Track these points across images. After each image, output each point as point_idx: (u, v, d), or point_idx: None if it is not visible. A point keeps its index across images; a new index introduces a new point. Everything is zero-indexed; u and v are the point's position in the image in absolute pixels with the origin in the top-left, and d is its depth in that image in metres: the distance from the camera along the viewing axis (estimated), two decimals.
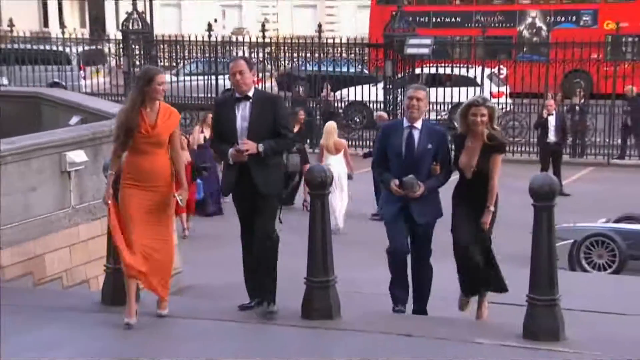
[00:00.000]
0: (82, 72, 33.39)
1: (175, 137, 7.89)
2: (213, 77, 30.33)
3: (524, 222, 8.71)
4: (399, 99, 25.58)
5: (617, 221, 15.49)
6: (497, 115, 8.66)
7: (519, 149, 26.27)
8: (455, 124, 8.74)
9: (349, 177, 18.05)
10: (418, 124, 8.18)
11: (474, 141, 8.18)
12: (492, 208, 8.23)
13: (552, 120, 22.09)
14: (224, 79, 29.04)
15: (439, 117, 26.15)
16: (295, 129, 17.85)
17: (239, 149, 7.48)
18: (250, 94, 7.79)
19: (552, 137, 22.06)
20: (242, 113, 7.74)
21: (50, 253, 11.18)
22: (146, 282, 8.21)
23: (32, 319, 9.11)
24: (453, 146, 8.62)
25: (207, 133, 18.72)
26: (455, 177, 8.98)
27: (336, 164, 16.72)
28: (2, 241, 10.52)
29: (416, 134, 8.10)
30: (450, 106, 27.14)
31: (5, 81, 31.02)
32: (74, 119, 13.92)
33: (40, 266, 11.08)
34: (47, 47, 34.36)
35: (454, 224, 8.50)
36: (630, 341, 8.55)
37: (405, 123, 8.26)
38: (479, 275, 8.63)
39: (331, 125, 19.33)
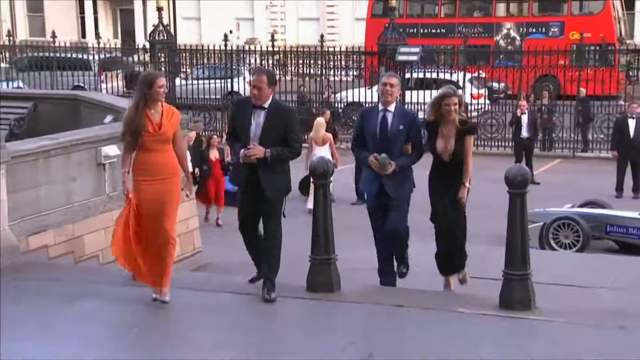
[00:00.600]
0: (101, 77, 33.30)
1: (178, 133, 7.82)
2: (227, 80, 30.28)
3: (500, 207, 8.67)
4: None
5: (581, 206, 15.76)
6: (468, 110, 8.63)
7: (496, 143, 26.43)
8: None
9: (335, 166, 17.96)
10: (391, 108, 8.16)
11: (448, 128, 8.17)
12: (467, 184, 8.19)
13: (524, 119, 22.21)
14: (237, 83, 29.63)
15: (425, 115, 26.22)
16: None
17: (247, 153, 7.45)
18: (266, 104, 7.68)
19: (524, 133, 22.19)
20: (257, 120, 7.64)
21: (88, 235, 11.30)
22: (146, 280, 8.25)
23: (73, 291, 9.12)
24: (426, 132, 8.47)
25: (212, 153, 18.13)
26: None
27: (323, 154, 16.79)
28: (48, 224, 10.72)
29: (389, 117, 8.08)
30: None
31: (21, 84, 31.04)
32: (108, 118, 13.92)
33: (79, 246, 11.18)
34: (70, 55, 34.12)
35: (434, 204, 8.50)
36: (592, 310, 8.62)
37: (380, 107, 8.25)
38: (452, 247, 8.61)
39: (319, 121, 19.49)
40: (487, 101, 28.95)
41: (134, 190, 7.59)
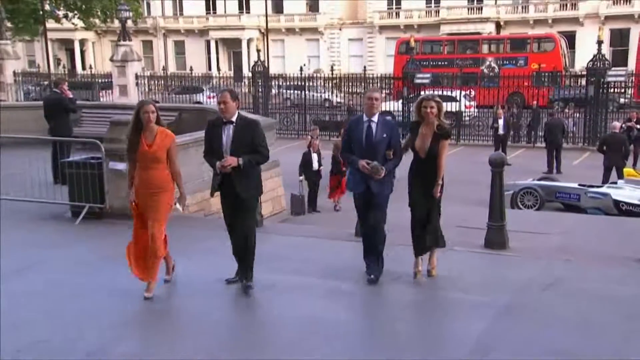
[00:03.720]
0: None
1: (171, 153, 6.40)
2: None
3: (484, 181, 8.56)
4: (410, 108, 25.45)
5: (538, 180, 15.44)
6: (444, 111, 7.00)
7: (481, 138, 25.84)
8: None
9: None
10: (375, 118, 6.69)
11: (426, 129, 6.79)
12: (440, 182, 6.81)
13: (501, 122, 21.85)
14: (309, 95, 29.69)
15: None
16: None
17: (222, 163, 6.13)
18: (234, 119, 6.32)
19: (501, 130, 21.80)
20: (227, 134, 6.29)
21: (214, 198, 11.18)
22: (140, 274, 6.56)
23: (202, 235, 9.13)
24: (409, 132, 7.05)
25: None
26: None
27: None
28: (188, 192, 10.81)
29: (373, 126, 6.66)
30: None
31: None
32: None
33: (207, 206, 11.07)
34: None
35: (410, 193, 7.01)
36: (546, 248, 8.53)
37: (365, 117, 6.74)
38: (429, 229, 6.99)
39: None
40: (476, 109, 28.59)
41: (138, 199, 6.39)
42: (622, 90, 26.43)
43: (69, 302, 6.40)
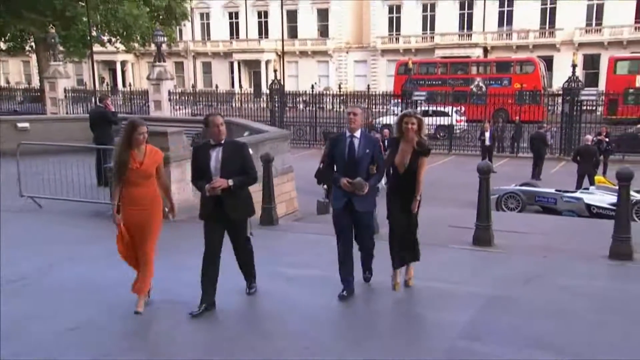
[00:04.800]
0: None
1: (160, 169, 5.70)
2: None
3: (473, 186, 8.51)
4: None
5: (520, 185, 15.39)
6: (426, 126, 6.44)
7: (470, 148, 25.74)
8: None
9: None
10: (357, 134, 5.94)
11: (406, 145, 6.07)
12: (418, 197, 6.10)
13: (487, 134, 21.84)
14: (320, 110, 29.63)
15: (427, 131, 26.30)
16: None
17: (213, 185, 5.37)
18: (222, 141, 5.56)
19: (487, 142, 21.78)
20: (216, 156, 5.49)
21: None
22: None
23: None
24: (389, 147, 6.36)
25: None
26: None
27: None
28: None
29: (356, 142, 5.91)
30: (435, 127, 27.31)
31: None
32: (246, 133, 13.95)
33: None
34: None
35: (389, 208, 6.29)
36: (527, 246, 8.52)
37: (347, 133, 5.98)
38: (407, 244, 6.31)
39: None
40: (465, 123, 28.52)
41: (123, 217, 5.59)
42: (594, 108, 26.31)
43: (110, 290, 6.31)
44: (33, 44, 36.82)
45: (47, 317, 5.73)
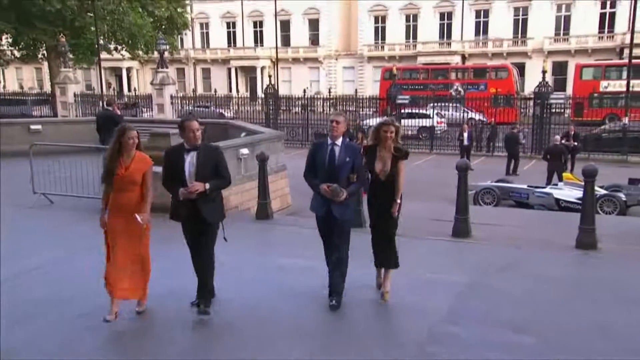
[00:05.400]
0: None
1: (147, 177, 5.16)
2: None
3: (453, 182, 8.50)
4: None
5: (496, 182, 15.42)
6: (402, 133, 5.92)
7: (450, 148, 25.59)
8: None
9: None
10: (339, 142, 5.43)
11: (384, 152, 5.61)
12: (399, 201, 5.63)
13: (465, 135, 21.81)
14: (311, 112, 29.42)
15: (410, 132, 26.40)
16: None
17: (189, 190, 4.96)
18: (197, 146, 5.11)
19: (466, 142, 21.66)
20: (190, 160, 5.06)
21: (233, 195, 10.99)
22: (123, 295, 5.31)
23: (225, 225, 9.22)
24: (365, 155, 5.66)
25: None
26: None
27: None
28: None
29: (337, 150, 5.40)
30: (417, 128, 27.31)
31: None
32: (243, 134, 13.77)
33: (228, 202, 10.33)
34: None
35: (371, 215, 5.85)
36: (501, 237, 8.56)
37: (329, 141, 5.47)
38: (386, 251, 5.82)
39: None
40: (445, 125, 28.54)
41: (109, 223, 5.16)
42: (562, 110, 26.43)
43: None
44: (45, 51, 36.56)
45: (64, 302, 5.73)
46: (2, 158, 13.53)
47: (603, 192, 13.61)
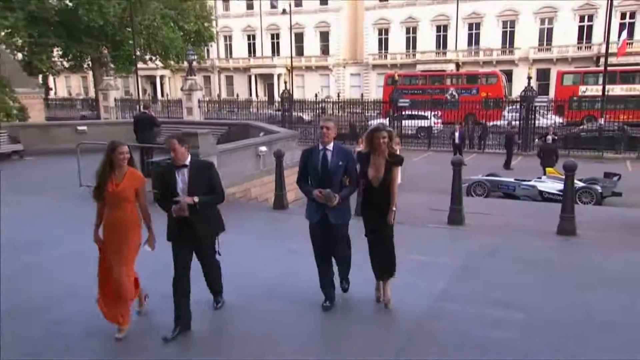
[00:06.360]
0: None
1: (140, 193, 4.54)
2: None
3: (448, 176, 8.50)
4: (395, 125, 25.29)
5: (486, 175, 15.23)
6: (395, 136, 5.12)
7: (444, 146, 25.40)
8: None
9: None
10: (330, 146, 4.86)
11: (378, 158, 4.88)
12: (394, 208, 4.90)
13: (457, 134, 21.69)
14: (322, 114, 29.20)
15: (410, 132, 26.26)
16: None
17: (180, 206, 4.34)
18: (187, 162, 4.51)
19: (457, 140, 21.55)
20: (182, 177, 4.47)
21: (253, 188, 11.21)
22: (114, 318, 4.59)
23: (245, 214, 9.08)
24: (358, 162, 5.02)
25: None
26: None
27: None
28: (235, 182, 10.60)
29: (329, 154, 4.83)
30: (417, 128, 27.10)
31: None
32: (262, 133, 13.82)
33: (249, 193, 11.08)
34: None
35: (366, 223, 5.03)
36: (490, 226, 8.48)
37: (320, 146, 4.89)
38: (384, 259, 5.08)
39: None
40: (441, 125, 28.32)
41: (103, 239, 4.57)
42: (545, 112, 26.16)
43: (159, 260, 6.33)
44: (90, 62, 36.86)
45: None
46: (53, 155, 13.65)
47: (581, 184, 13.47)
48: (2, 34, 26.98)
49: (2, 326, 4.82)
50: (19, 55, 33.17)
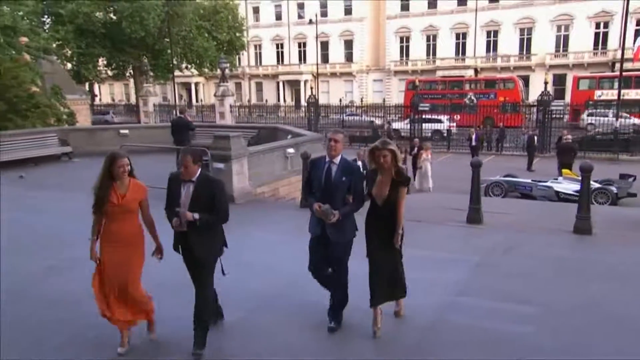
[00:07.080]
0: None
1: (143, 204, 4.18)
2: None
3: (467, 177, 8.51)
4: (416, 128, 25.19)
5: (503, 176, 15.01)
6: (401, 154, 4.47)
7: (462, 148, 25.16)
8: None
9: None
10: (336, 160, 4.34)
11: (383, 176, 4.28)
12: (400, 231, 4.24)
13: (473, 137, 21.48)
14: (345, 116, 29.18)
15: (427, 134, 26.11)
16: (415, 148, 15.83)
17: (180, 220, 3.96)
18: (194, 178, 4.06)
19: (473, 143, 21.33)
20: (187, 192, 4.04)
21: (281, 187, 11.21)
22: (127, 323, 4.25)
23: (272, 211, 9.13)
24: (366, 179, 4.41)
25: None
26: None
27: None
28: (263, 182, 10.67)
29: (334, 168, 4.32)
30: (431, 131, 26.82)
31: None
32: (289, 136, 13.80)
33: (277, 192, 11.09)
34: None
35: (368, 243, 4.33)
36: (508, 223, 8.38)
37: (327, 159, 4.36)
38: (393, 284, 4.48)
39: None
40: (457, 128, 27.99)
41: (101, 255, 4.07)
42: (561, 116, 25.64)
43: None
44: (131, 70, 37.65)
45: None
46: (99, 156, 13.92)
47: (597, 185, 13.16)
48: (54, 45, 27.79)
49: (49, 314, 4.95)
50: (68, 65, 34.11)
